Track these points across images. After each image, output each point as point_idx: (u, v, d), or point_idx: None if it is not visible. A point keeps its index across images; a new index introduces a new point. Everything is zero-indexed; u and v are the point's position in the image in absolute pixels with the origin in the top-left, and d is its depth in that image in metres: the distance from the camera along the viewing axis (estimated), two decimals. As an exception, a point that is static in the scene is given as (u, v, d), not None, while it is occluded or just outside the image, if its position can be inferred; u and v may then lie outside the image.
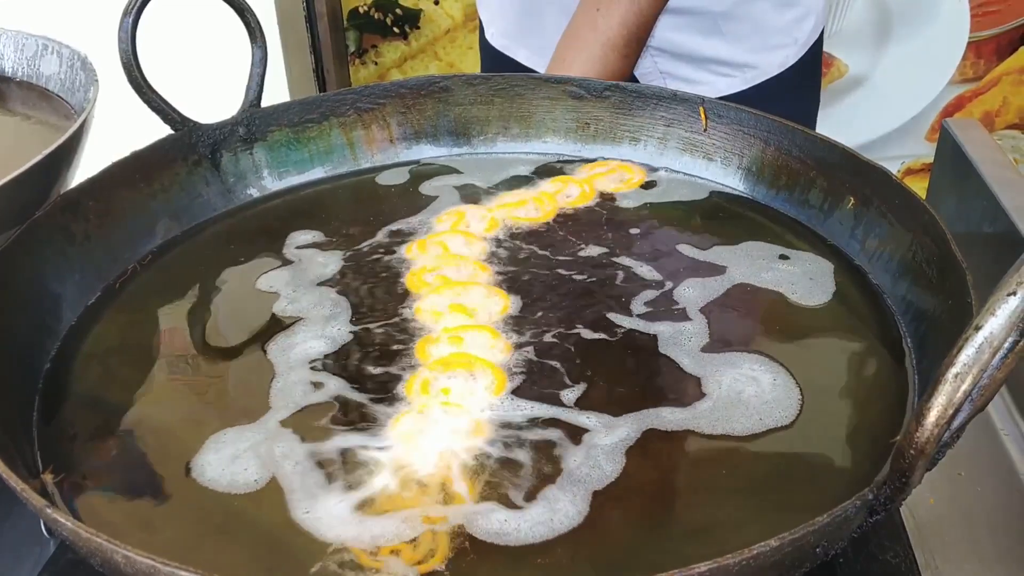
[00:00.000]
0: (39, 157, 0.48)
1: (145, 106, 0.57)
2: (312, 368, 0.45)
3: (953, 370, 0.26)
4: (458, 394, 0.42)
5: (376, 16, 1.54)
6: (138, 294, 0.52)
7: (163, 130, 0.58)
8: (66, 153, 0.51)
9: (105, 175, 0.53)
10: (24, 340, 0.45)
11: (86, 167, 0.55)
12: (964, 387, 0.26)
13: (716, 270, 0.51)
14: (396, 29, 1.55)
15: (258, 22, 0.59)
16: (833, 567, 0.41)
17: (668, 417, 0.41)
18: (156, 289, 0.52)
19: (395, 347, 0.46)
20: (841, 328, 0.48)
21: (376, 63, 1.58)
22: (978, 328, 0.26)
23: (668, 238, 0.55)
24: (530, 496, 0.37)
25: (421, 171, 0.63)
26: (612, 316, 0.48)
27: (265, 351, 0.46)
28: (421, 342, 0.46)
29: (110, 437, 0.42)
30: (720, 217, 0.57)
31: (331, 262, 0.53)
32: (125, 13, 0.54)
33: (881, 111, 1.48)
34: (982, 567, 0.45)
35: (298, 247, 0.55)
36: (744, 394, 0.42)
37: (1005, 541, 0.46)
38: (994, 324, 0.26)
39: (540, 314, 0.48)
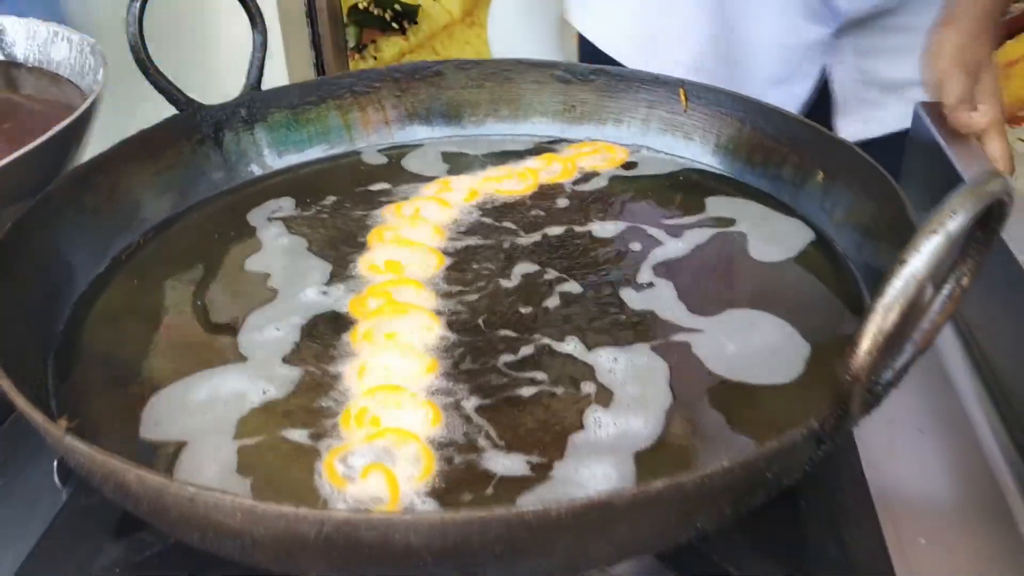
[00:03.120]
0: (54, 131, 0.51)
1: (147, 91, 0.60)
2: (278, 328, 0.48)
3: (883, 300, 0.29)
4: (403, 336, 0.47)
5: (375, 11, 1.57)
6: (144, 264, 0.55)
7: (168, 113, 0.61)
8: (78, 129, 0.54)
9: (114, 151, 0.56)
10: (39, 304, 0.48)
11: (95, 148, 0.58)
12: (892, 316, 0.28)
13: (682, 232, 0.55)
14: (395, 24, 1.58)
15: (258, 8, 0.62)
16: (796, 502, 0.43)
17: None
18: (160, 260, 0.55)
19: (341, 301, 0.50)
20: (808, 286, 0.51)
21: (375, 58, 1.61)
22: (903, 262, 0.28)
23: (640, 209, 0.58)
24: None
25: (414, 151, 0.66)
26: (549, 272, 0.52)
27: (247, 314, 0.49)
28: (354, 299, 0.50)
29: (119, 390, 0.45)
30: (695, 191, 0.60)
31: (318, 229, 0.57)
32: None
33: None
34: (939, 518, 0.47)
35: (288, 216, 0.58)
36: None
37: (963, 493, 0.49)
38: (918, 260, 0.28)
39: (474, 268, 0.52)
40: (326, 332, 0.48)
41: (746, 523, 0.43)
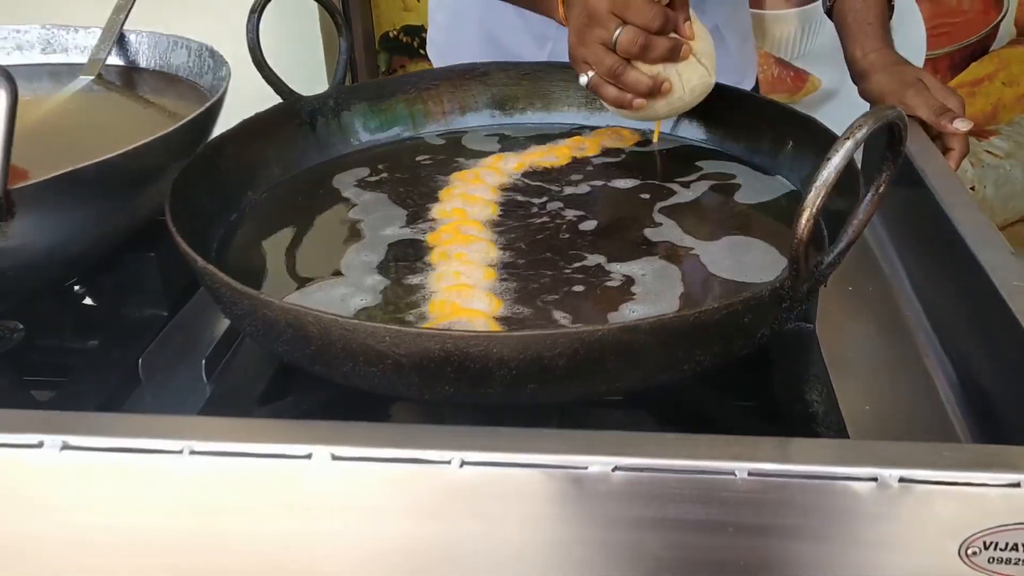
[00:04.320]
0: (202, 108, 0.67)
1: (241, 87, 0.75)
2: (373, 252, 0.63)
3: (816, 184, 0.44)
4: (469, 255, 0.62)
5: (404, 39, 1.75)
6: (263, 213, 0.70)
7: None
8: (215, 109, 0.70)
9: (239, 128, 0.71)
10: (199, 237, 0.63)
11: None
12: (822, 194, 0.44)
13: (685, 184, 0.71)
14: (422, 51, 1.75)
15: (345, 19, 0.78)
16: (769, 375, 0.58)
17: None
18: (274, 211, 0.71)
19: (419, 235, 0.65)
20: (785, 223, 0.66)
21: (404, 81, 1.79)
22: (828, 159, 0.44)
23: (651, 172, 0.73)
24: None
25: (468, 135, 0.82)
26: (581, 213, 0.67)
27: (345, 245, 0.64)
28: (431, 233, 0.65)
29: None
30: (694, 159, 0.76)
31: (396, 189, 0.72)
32: (252, 11, 0.73)
33: (851, 120, 1.67)
34: (879, 391, 0.62)
35: (371, 180, 0.74)
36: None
37: (898, 372, 0.63)
38: (837, 157, 0.44)
39: (521, 213, 0.68)
40: (410, 255, 0.63)
41: (728, 386, 0.58)
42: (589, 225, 0.66)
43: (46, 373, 0.68)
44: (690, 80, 0.69)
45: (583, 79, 0.70)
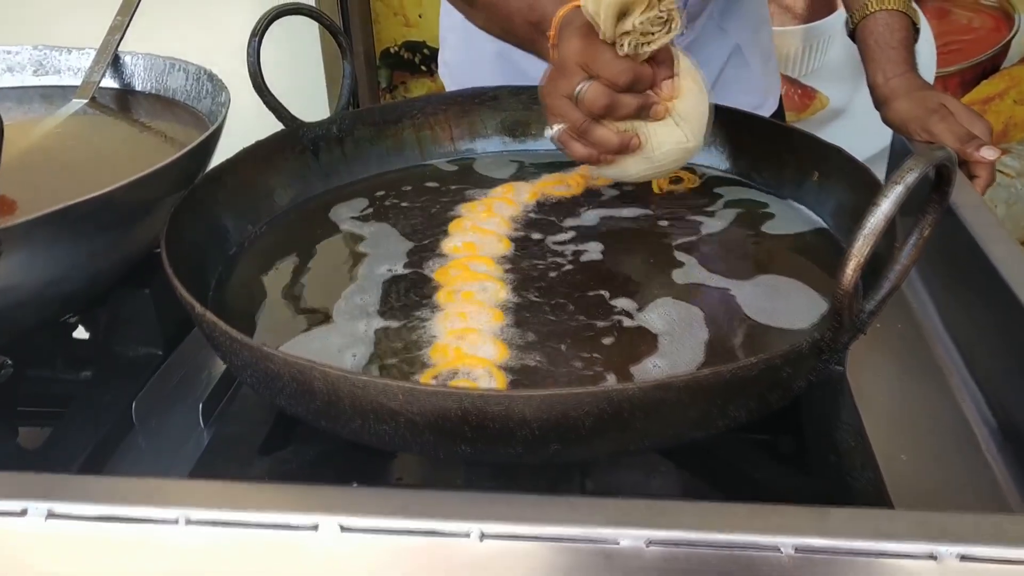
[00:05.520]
0: (201, 138, 0.63)
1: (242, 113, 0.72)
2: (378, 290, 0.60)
3: (862, 232, 0.41)
4: (477, 295, 0.59)
5: (405, 55, 1.72)
6: (264, 248, 0.67)
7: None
8: (214, 138, 0.66)
9: (239, 157, 0.68)
10: (193, 279, 0.59)
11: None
12: (869, 242, 0.40)
13: (706, 215, 0.68)
14: (423, 67, 1.72)
15: (350, 43, 0.75)
16: (798, 423, 0.55)
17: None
18: (275, 245, 0.67)
19: (427, 271, 0.62)
20: (808, 261, 0.63)
21: (405, 97, 1.75)
22: (876, 204, 0.40)
23: (669, 202, 0.71)
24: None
25: (478, 161, 0.78)
26: (598, 247, 0.64)
27: (349, 282, 0.61)
28: (439, 270, 0.62)
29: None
30: (709, 190, 0.72)
31: (408, 220, 0.69)
32: (253, 34, 0.70)
33: (859, 139, 1.64)
34: (917, 441, 0.59)
35: (379, 210, 0.71)
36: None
37: (937, 423, 0.60)
38: (885, 203, 0.40)
39: (534, 250, 0.64)
40: (417, 293, 0.59)
41: (757, 437, 0.55)
42: (607, 263, 0.62)
43: (37, 411, 0.64)
44: (663, 143, 0.63)
45: (548, 132, 0.64)
